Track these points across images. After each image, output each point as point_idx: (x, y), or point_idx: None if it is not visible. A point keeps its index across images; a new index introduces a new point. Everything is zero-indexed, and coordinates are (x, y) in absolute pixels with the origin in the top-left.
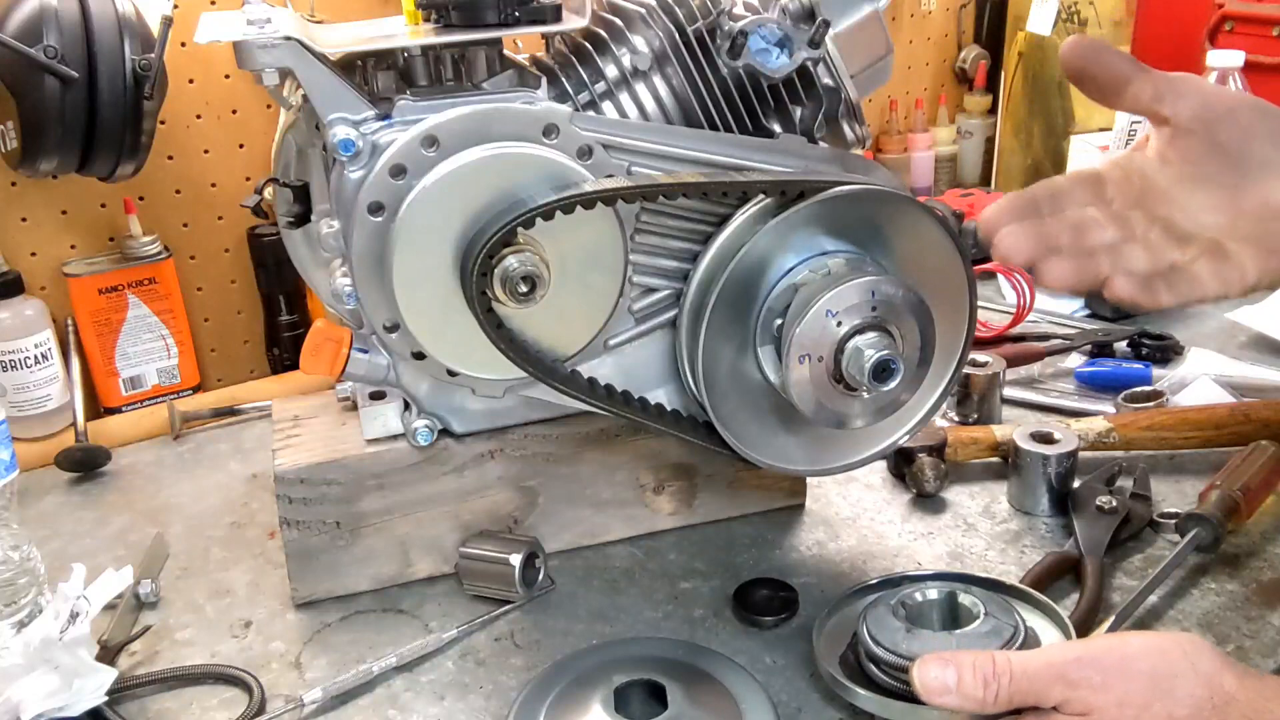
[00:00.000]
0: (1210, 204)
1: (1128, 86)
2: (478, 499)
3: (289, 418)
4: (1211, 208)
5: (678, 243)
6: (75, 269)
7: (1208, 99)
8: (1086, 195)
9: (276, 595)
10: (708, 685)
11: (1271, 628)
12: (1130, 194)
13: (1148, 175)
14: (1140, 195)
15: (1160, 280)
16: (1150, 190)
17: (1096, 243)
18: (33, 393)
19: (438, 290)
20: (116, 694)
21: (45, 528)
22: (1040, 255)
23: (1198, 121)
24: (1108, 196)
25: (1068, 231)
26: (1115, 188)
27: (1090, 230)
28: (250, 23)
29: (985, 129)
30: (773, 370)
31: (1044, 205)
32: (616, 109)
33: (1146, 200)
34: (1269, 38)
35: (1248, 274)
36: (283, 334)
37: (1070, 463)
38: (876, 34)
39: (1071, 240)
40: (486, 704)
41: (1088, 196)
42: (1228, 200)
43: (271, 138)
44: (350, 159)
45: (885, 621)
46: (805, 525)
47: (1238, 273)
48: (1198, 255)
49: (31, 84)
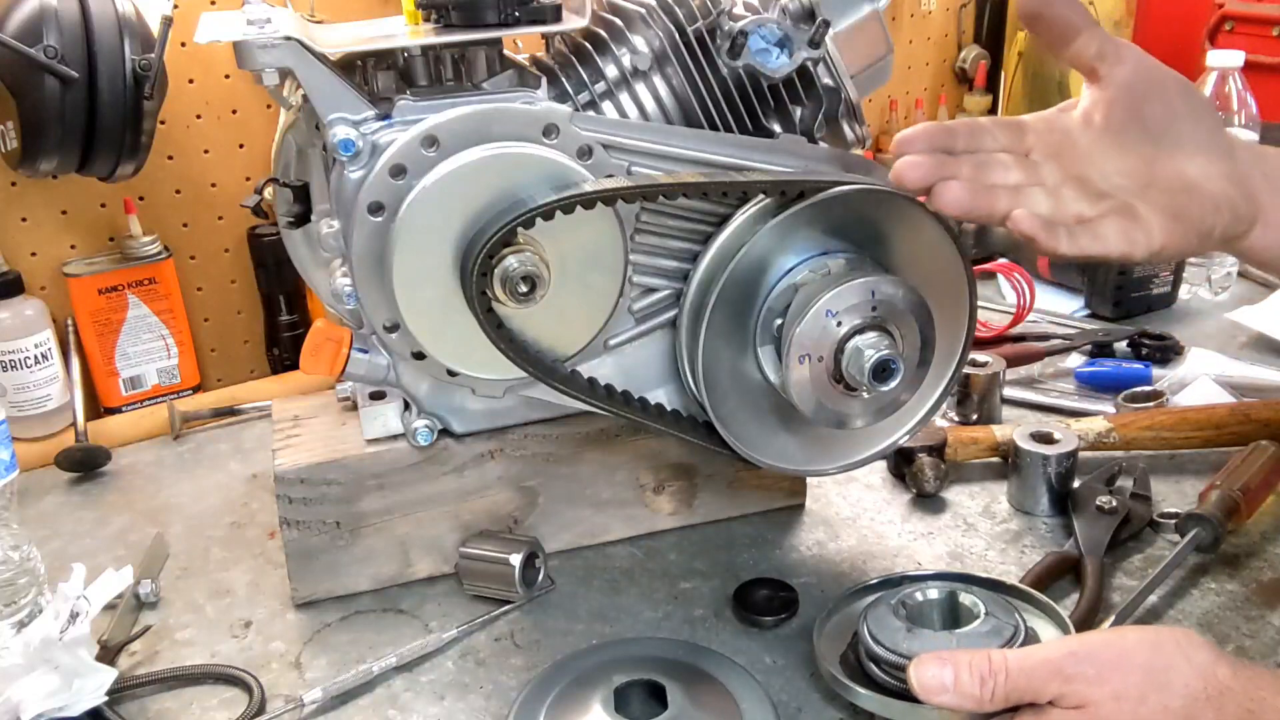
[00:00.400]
0: (1125, 168)
1: (1076, 38)
2: (478, 499)
3: (289, 418)
4: (1126, 172)
5: (678, 243)
6: (75, 269)
7: (1141, 69)
8: (1006, 139)
9: (276, 595)
10: (708, 685)
11: (1271, 628)
12: (1050, 145)
13: (1070, 131)
14: (1059, 149)
15: (1062, 228)
16: (1070, 146)
17: (999, 180)
18: (33, 393)
19: (438, 290)
20: (116, 694)
21: (45, 528)
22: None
23: (1128, 89)
24: (1027, 144)
25: (970, 165)
26: (1036, 137)
27: (994, 168)
28: (250, 23)
29: None
30: (773, 370)
31: (960, 139)
32: (616, 109)
33: (1064, 155)
34: (1269, 38)
35: (1154, 237)
36: (283, 334)
37: (1070, 463)
38: (876, 34)
39: (972, 173)
40: (486, 704)
41: (1007, 140)
42: (1143, 167)
43: (271, 138)
44: (350, 159)
45: (886, 621)
46: (805, 525)
47: (1144, 235)
48: (1107, 212)
49: (31, 84)
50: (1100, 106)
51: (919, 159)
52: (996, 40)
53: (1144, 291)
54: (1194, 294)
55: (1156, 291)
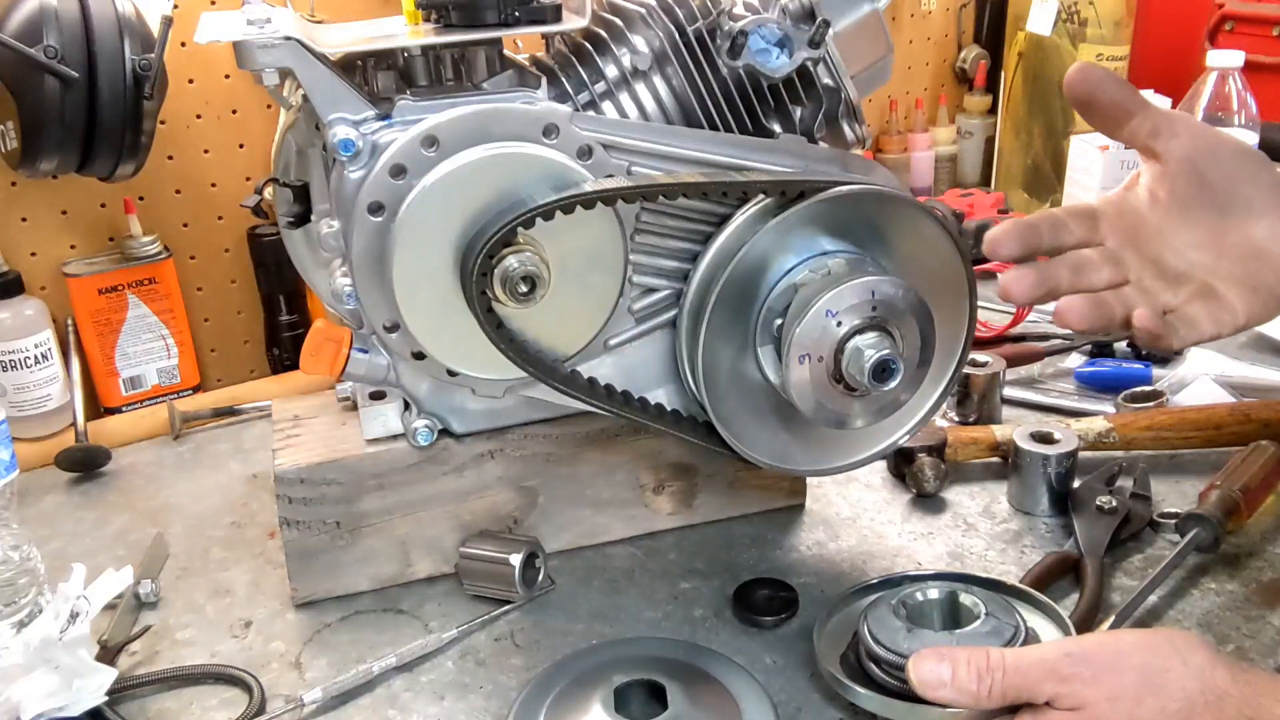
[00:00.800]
0: (1196, 240)
1: (1130, 119)
2: (478, 499)
3: (289, 418)
4: (1197, 244)
5: (678, 243)
6: (75, 269)
7: (1197, 138)
8: (1082, 230)
9: (276, 595)
10: (708, 685)
11: (1271, 628)
12: (1123, 230)
13: (1139, 212)
14: (1132, 232)
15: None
16: (1141, 227)
17: (1095, 282)
18: (33, 393)
19: (438, 290)
20: (116, 694)
21: (45, 528)
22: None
23: (1187, 161)
24: (1102, 232)
25: (1068, 271)
26: (1109, 224)
27: (1089, 270)
28: (250, 23)
29: (985, 129)
30: (773, 370)
31: (1045, 235)
32: (616, 109)
33: (1138, 237)
34: (1269, 38)
35: (1239, 313)
36: (283, 334)
37: (1070, 463)
38: (876, 34)
39: (1071, 281)
40: (486, 704)
41: (1083, 232)
42: (1212, 238)
43: (271, 138)
44: (350, 159)
45: (886, 621)
46: (805, 525)
47: (1229, 313)
48: (1190, 298)
49: (31, 84)
50: (1164, 182)
51: (1024, 274)
52: (996, 40)
53: None
54: None
55: None
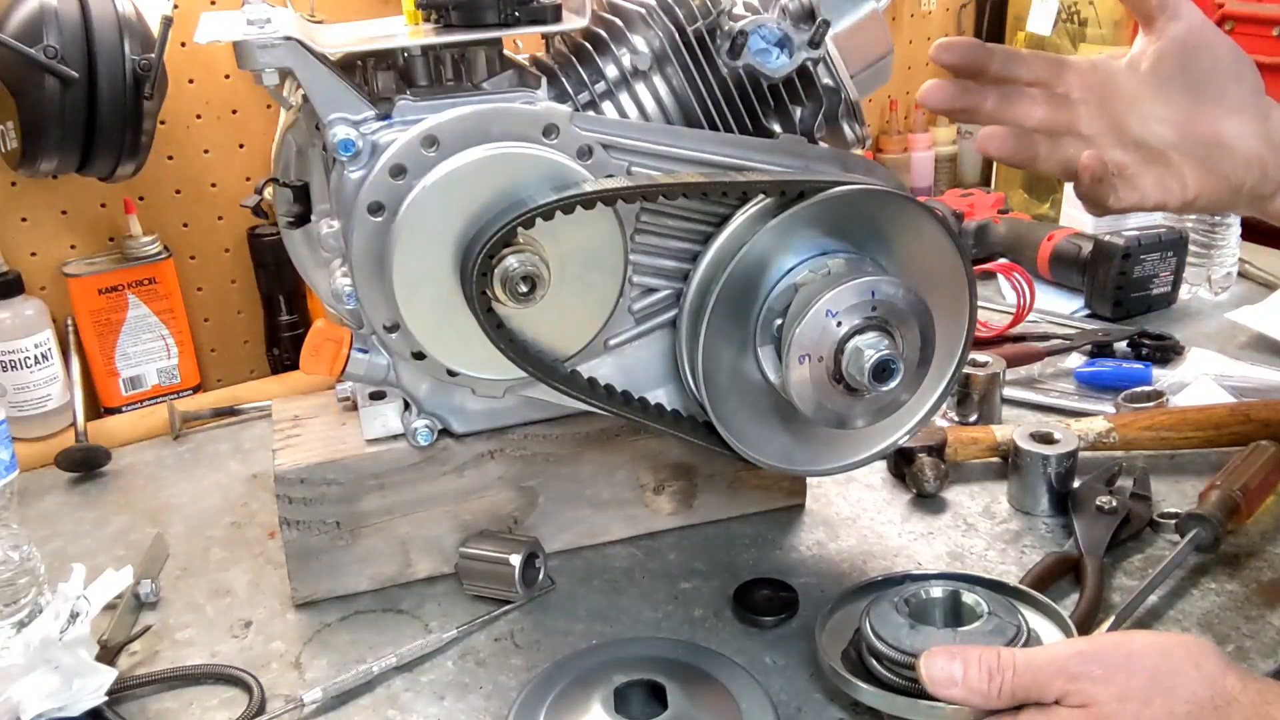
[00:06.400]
0: (1164, 116)
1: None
2: (478, 499)
3: (289, 418)
4: (1165, 120)
5: (678, 243)
6: (75, 269)
7: (1196, 27)
8: (1041, 70)
9: (276, 595)
10: (708, 685)
11: (1271, 628)
12: (1092, 86)
13: (1114, 74)
14: (1101, 89)
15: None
16: (1111, 87)
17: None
18: (33, 393)
19: (438, 290)
20: (116, 694)
21: (45, 528)
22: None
23: (1180, 42)
24: (1067, 82)
25: (995, 97)
26: (1077, 76)
27: (1020, 101)
28: (250, 23)
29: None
30: (773, 370)
31: (996, 61)
32: (616, 109)
33: (1106, 95)
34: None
35: (1188, 187)
36: (283, 334)
37: (1070, 463)
38: (877, 34)
39: (996, 105)
40: (486, 704)
41: (1042, 72)
42: (1181, 118)
43: (271, 138)
44: (350, 159)
45: (889, 618)
46: (805, 525)
47: (1178, 184)
48: (1143, 162)
49: (31, 84)
50: (1150, 55)
51: (947, 84)
52: (996, 40)
53: (1144, 291)
54: (1194, 294)
55: (1156, 292)
